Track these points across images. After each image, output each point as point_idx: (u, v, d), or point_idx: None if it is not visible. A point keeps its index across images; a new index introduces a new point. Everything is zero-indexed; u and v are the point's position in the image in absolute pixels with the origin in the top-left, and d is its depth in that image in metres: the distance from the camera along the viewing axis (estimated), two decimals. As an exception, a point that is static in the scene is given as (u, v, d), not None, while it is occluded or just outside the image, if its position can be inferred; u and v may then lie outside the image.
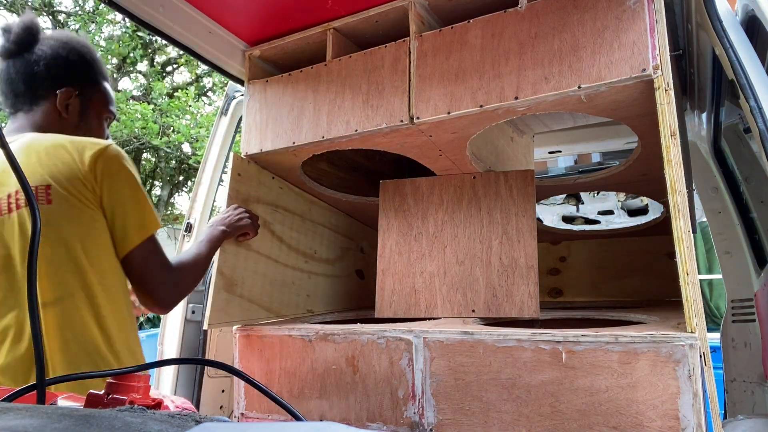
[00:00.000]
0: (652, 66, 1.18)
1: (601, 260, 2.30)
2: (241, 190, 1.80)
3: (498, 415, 1.24)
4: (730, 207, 2.18)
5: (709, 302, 4.64)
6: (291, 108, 1.72)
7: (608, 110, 1.36)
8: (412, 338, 1.37)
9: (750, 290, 2.13)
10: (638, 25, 1.21)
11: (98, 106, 1.45)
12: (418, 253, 1.81)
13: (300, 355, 1.54)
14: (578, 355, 1.17)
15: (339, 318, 1.96)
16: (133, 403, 0.71)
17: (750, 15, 1.54)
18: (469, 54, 1.42)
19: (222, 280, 1.69)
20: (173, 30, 1.69)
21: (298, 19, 1.72)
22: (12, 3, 10.44)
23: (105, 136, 1.49)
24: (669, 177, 1.13)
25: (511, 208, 1.72)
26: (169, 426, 0.44)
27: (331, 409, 1.48)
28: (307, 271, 2.06)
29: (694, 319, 1.08)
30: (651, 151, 1.55)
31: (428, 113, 1.45)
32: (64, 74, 1.38)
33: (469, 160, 1.71)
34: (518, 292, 1.64)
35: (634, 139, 1.54)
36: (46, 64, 1.36)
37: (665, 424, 1.07)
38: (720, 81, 1.88)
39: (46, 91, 1.37)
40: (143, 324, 8.07)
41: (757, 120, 1.29)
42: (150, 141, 10.79)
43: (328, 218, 2.21)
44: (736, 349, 2.14)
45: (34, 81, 1.36)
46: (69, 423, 0.42)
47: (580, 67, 1.26)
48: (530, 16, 1.36)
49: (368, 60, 1.60)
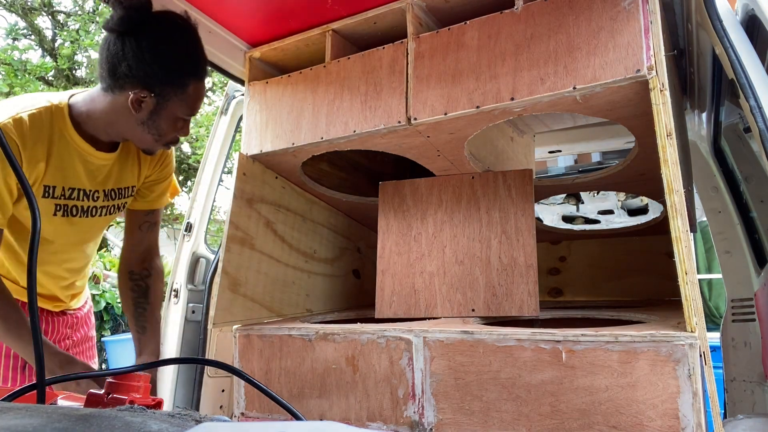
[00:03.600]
0: (647, 67, 1.18)
1: (601, 260, 2.30)
2: (246, 189, 1.81)
3: (498, 414, 1.24)
4: (730, 206, 2.18)
5: (708, 302, 4.64)
6: (290, 109, 1.73)
7: (604, 111, 1.36)
8: (412, 338, 1.38)
9: (750, 290, 2.13)
10: (633, 26, 1.21)
11: (173, 110, 1.42)
12: (418, 254, 1.81)
13: (300, 354, 1.55)
14: (578, 354, 1.17)
15: (338, 317, 1.96)
16: (133, 403, 0.71)
17: (750, 14, 1.54)
18: (465, 55, 1.43)
19: (226, 279, 1.70)
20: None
21: (297, 20, 1.73)
22: (12, 3, 10.44)
23: (171, 139, 1.49)
24: (666, 177, 1.14)
25: (510, 208, 1.73)
26: (170, 425, 0.45)
27: (331, 408, 1.48)
28: (307, 270, 2.06)
29: (693, 319, 1.09)
30: (648, 151, 1.55)
31: (425, 114, 1.46)
32: (146, 76, 1.36)
33: (467, 161, 1.71)
34: (518, 291, 1.64)
35: (633, 138, 1.54)
36: (129, 64, 1.35)
37: (665, 424, 1.07)
38: (720, 80, 1.88)
39: (123, 86, 1.37)
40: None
41: (757, 119, 1.29)
42: (150, 141, 10.76)
43: (328, 218, 2.21)
44: (736, 349, 2.14)
45: (116, 74, 1.36)
46: (69, 422, 0.42)
47: (576, 68, 1.27)
48: (526, 17, 1.36)
49: (366, 61, 1.60)
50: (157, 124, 1.43)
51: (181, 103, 1.41)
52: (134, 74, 1.35)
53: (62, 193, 1.47)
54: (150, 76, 1.35)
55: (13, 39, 10.25)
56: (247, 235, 1.80)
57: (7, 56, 9.68)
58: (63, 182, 1.46)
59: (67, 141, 1.44)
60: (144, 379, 0.82)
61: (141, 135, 1.46)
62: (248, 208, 1.82)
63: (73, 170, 1.47)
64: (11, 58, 9.74)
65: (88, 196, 1.53)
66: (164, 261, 8.18)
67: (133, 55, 1.33)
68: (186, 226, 2.51)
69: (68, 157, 1.45)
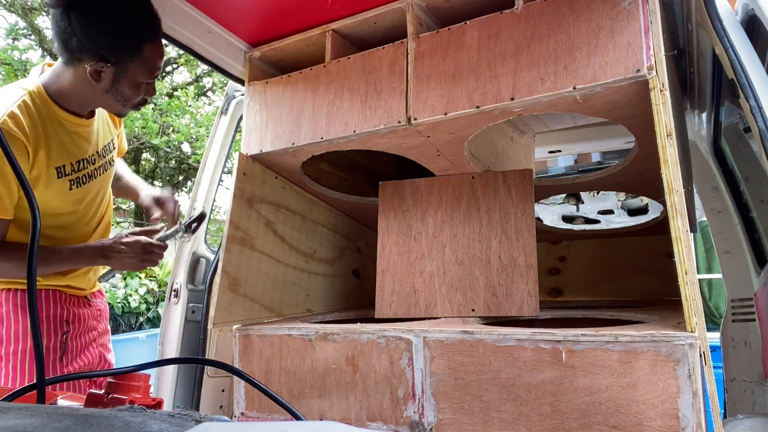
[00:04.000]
0: (647, 67, 1.18)
1: (601, 260, 2.30)
2: (246, 189, 1.81)
3: (498, 414, 1.24)
4: (730, 206, 2.18)
5: (708, 302, 4.64)
6: (290, 109, 1.73)
7: (604, 110, 1.36)
8: (412, 338, 1.38)
9: (750, 290, 2.13)
10: (633, 26, 1.21)
11: (133, 76, 1.44)
12: (418, 254, 1.81)
13: (300, 354, 1.55)
14: (578, 354, 1.17)
15: (338, 317, 1.96)
16: (133, 403, 0.71)
17: (750, 14, 1.54)
18: (465, 55, 1.43)
19: (227, 279, 1.70)
20: (173, 29, 1.70)
21: (297, 20, 1.73)
22: (12, 3, 10.44)
23: (138, 101, 1.53)
24: (666, 177, 1.13)
25: (509, 208, 1.73)
26: (169, 425, 0.45)
27: (331, 408, 1.48)
28: (306, 270, 2.06)
29: (693, 319, 1.09)
30: (648, 151, 1.55)
31: (425, 114, 1.46)
32: (98, 47, 1.37)
33: (467, 160, 1.71)
34: (518, 291, 1.64)
35: (633, 138, 1.54)
36: (79, 39, 1.36)
37: (665, 423, 1.07)
38: (720, 80, 1.87)
39: (80, 59, 1.39)
40: (143, 324, 8.07)
41: (757, 119, 1.29)
42: (150, 140, 10.79)
43: (328, 218, 2.21)
44: (736, 349, 2.14)
45: (69, 48, 1.38)
46: (69, 422, 0.42)
47: (576, 68, 1.27)
48: (526, 17, 1.36)
49: (366, 61, 1.60)
50: (120, 90, 1.46)
51: (139, 68, 1.44)
52: (86, 48, 1.36)
53: (72, 169, 1.54)
54: (103, 47, 1.37)
55: (13, 39, 10.24)
56: (247, 235, 1.80)
57: (7, 56, 9.68)
58: (69, 158, 1.52)
59: (57, 120, 1.48)
60: (144, 378, 0.82)
61: (108, 102, 1.50)
62: (248, 208, 1.82)
63: (73, 145, 1.53)
64: (11, 58, 9.73)
65: (89, 162, 1.61)
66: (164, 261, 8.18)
67: (81, 29, 1.34)
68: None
69: (65, 135, 1.50)
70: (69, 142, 1.51)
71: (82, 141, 1.56)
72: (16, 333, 1.52)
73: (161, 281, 7.80)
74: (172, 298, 2.43)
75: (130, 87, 1.46)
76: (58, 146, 1.48)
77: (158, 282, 7.81)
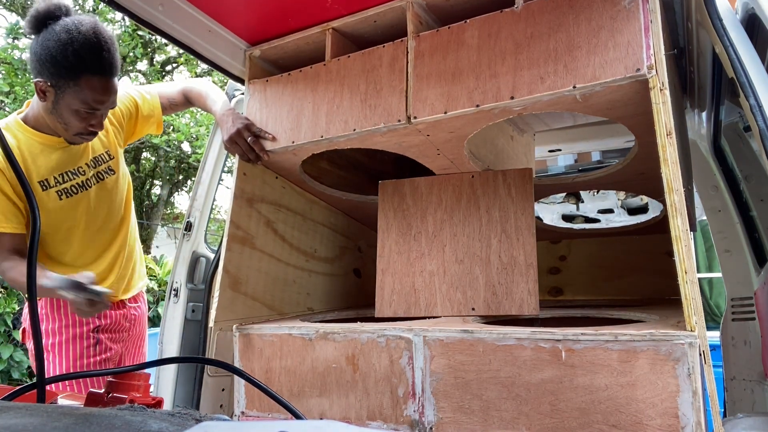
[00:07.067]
0: (647, 66, 1.18)
1: (601, 259, 2.30)
2: (246, 189, 1.81)
3: (498, 413, 1.25)
4: (730, 205, 2.18)
5: (709, 300, 4.64)
6: (290, 108, 1.73)
7: (604, 110, 1.36)
8: (412, 337, 1.38)
9: (750, 289, 2.13)
10: (633, 25, 1.21)
11: (69, 101, 1.57)
12: (418, 253, 1.81)
13: (300, 353, 1.55)
14: (578, 353, 1.17)
15: (339, 317, 1.96)
16: (133, 402, 0.71)
17: (750, 13, 1.54)
18: (465, 54, 1.43)
19: (227, 278, 1.70)
20: (173, 29, 1.70)
21: (297, 18, 1.72)
22: (12, 2, 10.43)
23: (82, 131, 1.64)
24: (665, 176, 1.13)
25: (509, 207, 1.73)
26: (170, 425, 0.45)
27: (332, 407, 1.48)
28: (307, 269, 2.06)
29: (693, 318, 1.09)
30: (648, 150, 1.55)
31: (425, 113, 1.46)
32: (42, 67, 1.55)
33: (467, 159, 1.71)
34: (518, 290, 1.64)
35: (633, 137, 1.54)
36: (32, 56, 1.56)
37: (665, 423, 1.07)
38: (720, 79, 1.87)
39: (35, 77, 1.58)
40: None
41: (757, 118, 1.29)
42: (149, 140, 10.78)
43: (328, 217, 2.21)
44: (736, 348, 2.14)
45: (31, 64, 1.58)
46: (69, 421, 0.42)
47: (576, 67, 1.26)
48: (526, 16, 1.36)
49: (366, 60, 1.60)
50: (60, 113, 1.60)
51: (74, 95, 1.56)
52: (34, 66, 1.56)
53: (57, 181, 1.71)
54: (44, 67, 1.54)
55: (14, 38, 10.23)
56: (248, 234, 1.80)
57: (7, 55, 9.67)
58: (50, 173, 1.69)
59: (33, 141, 1.67)
60: (144, 378, 0.82)
61: (54, 123, 1.64)
62: (248, 208, 1.82)
63: (52, 161, 1.69)
64: (11, 58, 9.72)
65: (78, 173, 1.76)
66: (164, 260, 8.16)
67: (39, 49, 1.54)
68: (186, 225, 2.51)
69: (41, 154, 1.68)
70: (47, 159, 1.68)
71: (63, 155, 1.71)
72: (53, 329, 1.81)
73: (161, 280, 7.79)
74: (172, 298, 2.44)
75: (67, 112, 1.59)
76: (36, 164, 1.66)
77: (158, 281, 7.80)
